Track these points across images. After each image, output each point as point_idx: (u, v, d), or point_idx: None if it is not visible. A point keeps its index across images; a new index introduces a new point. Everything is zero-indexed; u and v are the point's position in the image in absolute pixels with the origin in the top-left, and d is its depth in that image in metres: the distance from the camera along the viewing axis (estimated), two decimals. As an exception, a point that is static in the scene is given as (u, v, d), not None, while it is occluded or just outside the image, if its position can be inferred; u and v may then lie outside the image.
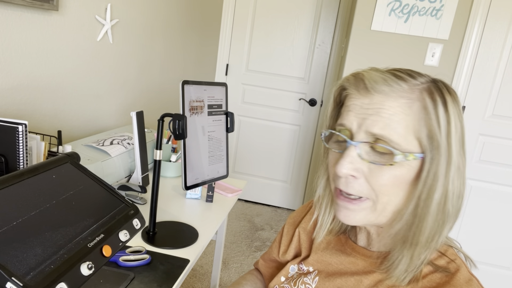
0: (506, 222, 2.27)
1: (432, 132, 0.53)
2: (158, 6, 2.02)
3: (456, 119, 0.53)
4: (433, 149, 0.53)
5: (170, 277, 0.89)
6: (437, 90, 0.54)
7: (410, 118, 0.53)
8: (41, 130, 1.37)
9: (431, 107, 0.53)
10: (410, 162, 0.53)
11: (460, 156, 0.54)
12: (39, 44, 1.30)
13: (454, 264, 0.58)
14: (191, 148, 1.07)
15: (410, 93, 0.54)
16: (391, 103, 0.54)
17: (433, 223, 0.54)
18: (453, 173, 0.53)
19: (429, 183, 0.53)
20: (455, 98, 0.55)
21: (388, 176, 0.54)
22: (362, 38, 2.20)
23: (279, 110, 3.05)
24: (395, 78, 0.54)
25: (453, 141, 0.53)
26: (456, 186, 0.54)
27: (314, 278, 0.69)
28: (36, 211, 0.59)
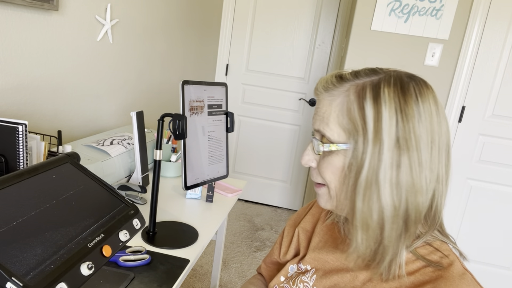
0: (506, 222, 2.27)
1: (354, 122, 0.57)
2: (158, 6, 2.02)
3: (392, 110, 0.55)
4: (357, 138, 0.57)
5: (170, 277, 0.89)
6: (374, 85, 0.57)
7: (335, 114, 0.59)
8: (41, 130, 1.37)
9: (354, 101, 0.58)
10: (344, 151, 0.59)
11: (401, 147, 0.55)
12: (39, 44, 1.30)
13: (447, 259, 0.59)
14: (191, 148, 1.07)
15: (339, 92, 0.60)
16: (324, 102, 0.62)
17: (365, 207, 0.57)
18: (385, 162, 0.55)
19: (355, 169, 0.57)
20: (402, 90, 0.56)
21: (326, 164, 0.61)
22: (362, 38, 2.20)
23: (279, 110, 3.05)
24: (335, 80, 0.61)
25: (384, 130, 0.55)
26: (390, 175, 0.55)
27: (311, 276, 0.70)
28: (36, 211, 0.59)
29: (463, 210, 2.31)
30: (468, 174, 2.26)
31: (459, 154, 2.25)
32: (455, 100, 2.18)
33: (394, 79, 0.58)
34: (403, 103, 0.56)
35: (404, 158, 0.55)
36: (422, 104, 0.56)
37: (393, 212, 0.56)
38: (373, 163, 0.56)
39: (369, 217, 0.57)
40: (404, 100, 0.56)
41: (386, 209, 0.56)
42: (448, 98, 2.18)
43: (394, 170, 0.55)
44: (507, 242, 2.29)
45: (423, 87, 0.58)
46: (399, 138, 0.55)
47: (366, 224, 0.57)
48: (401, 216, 0.56)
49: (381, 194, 0.56)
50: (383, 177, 0.55)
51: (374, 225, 0.57)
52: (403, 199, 0.56)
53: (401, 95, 0.56)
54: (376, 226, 0.57)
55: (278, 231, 2.82)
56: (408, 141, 0.55)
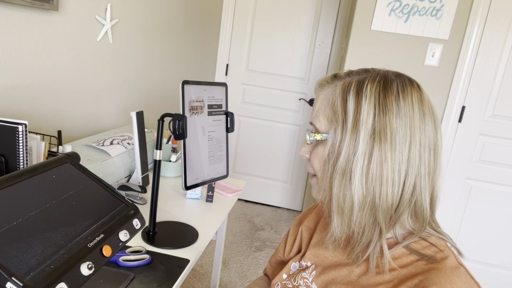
0: (506, 222, 2.27)
1: (335, 113, 0.62)
2: (158, 6, 2.02)
3: (370, 104, 0.59)
4: (337, 128, 0.61)
5: (170, 277, 0.89)
6: (359, 82, 0.61)
7: (323, 106, 0.65)
8: (41, 130, 1.37)
9: (339, 95, 0.62)
10: (327, 141, 0.63)
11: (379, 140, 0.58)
12: (39, 44, 1.30)
13: (441, 253, 0.60)
14: (191, 148, 1.07)
15: (330, 89, 0.65)
16: (318, 98, 0.67)
17: (339, 192, 0.61)
18: (358, 153, 0.58)
19: (333, 157, 0.61)
20: (384, 86, 0.60)
21: (314, 154, 0.66)
22: (362, 38, 2.20)
23: (279, 110, 3.05)
24: (329, 79, 0.66)
25: (361, 123, 0.58)
26: (361, 166, 0.58)
27: (311, 272, 0.72)
28: (36, 211, 0.59)
29: (463, 210, 2.31)
30: (468, 174, 2.26)
31: (459, 154, 2.25)
32: (455, 100, 2.18)
33: (379, 76, 0.62)
34: (383, 98, 0.59)
35: (376, 150, 0.58)
36: (403, 100, 0.59)
37: (361, 199, 0.59)
38: (349, 152, 0.59)
39: (343, 202, 0.61)
40: (384, 95, 0.59)
41: (355, 196, 0.59)
42: (448, 98, 2.18)
43: (366, 160, 0.59)
44: (507, 242, 2.29)
45: (407, 85, 0.60)
46: (375, 130, 0.58)
47: (340, 208, 0.61)
48: (368, 204, 0.59)
49: (352, 181, 0.59)
50: (355, 166, 0.59)
51: (347, 210, 0.60)
52: (370, 189, 0.59)
53: (382, 91, 0.60)
54: (349, 211, 0.61)
55: (278, 231, 2.82)
56: (382, 134, 0.58)
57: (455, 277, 0.55)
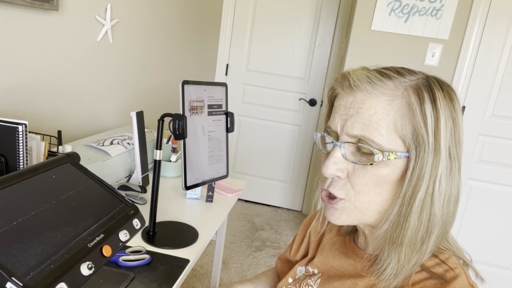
0: (506, 222, 2.27)
1: (417, 130, 0.51)
2: (158, 6, 2.02)
3: (447, 117, 0.52)
4: (418, 147, 0.51)
5: (170, 277, 0.89)
6: (426, 87, 0.53)
7: (391, 117, 0.52)
8: (41, 130, 1.37)
9: (416, 103, 0.52)
10: (395, 161, 0.52)
11: (451, 157, 0.53)
12: (39, 44, 1.30)
13: (452, 272, 0.55)
14: (191, 148, 1.07)
15: (394, 91, 0.53)
16: (372, 101, 0.53)
17: (417, 223, 0.53)
18: (440, 173, 0.52)
19: (414, 182, 0.52)
20: (449, 95, 0.53)
21: (370, 175, 0.54)
22: (362, 38, 2.20)
23: (279, 110, 3.05)
24: (380, 76, 0.54)
25: (442, 139, 0.51)
26: (444, 187, 0.53)
27: (316, 280, 0.70)
28: (36, 211, 0.59)
29: (463, 210, 2.31)
30: (468, 174, 2.26)
31: (459, 154, 2.25)
32: (455, 100, 2.18)
33: (437, 81, 0.55)
34: (453, 110, 0.53)
35: (455, 166, 0.53)
36: (459, 109, 0.54)
37: (440, 223, 0.54)
38: (433, 174, 0.51)
39: (418, 231, 0.53)
40: (453, 107, 0.53)
41: (435, 222, 0.53)
42: (448, 98, 2.18)
43: (448, 179, 0.53)
44: (507, 242, 2.29)
45: (456, 94, 0.55)
46: (451, 147, 0.52)
47: (414, 241, 0.53)
48: (442, 226, 0.55)
49: (435, 207, 0.52)
50: (438, 188, 0.52)
51: (419, 241, 0.54)
52: (450, 208, 0.54)
53: (450, 102, 0.53)
54: (419, 239, 0.54)
55: (278, 231, 2.82)
56: (457, 147, 0.53)
57: None
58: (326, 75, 2.95)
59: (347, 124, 0.54)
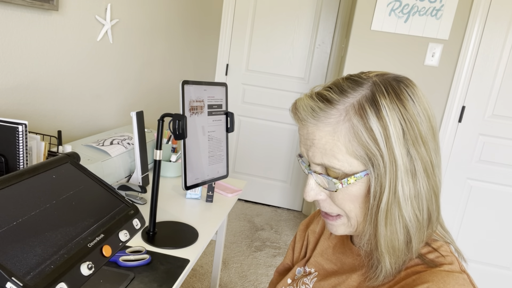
0: (506, 222, 2.27)
1: (367, 148, 0.53)
2: (158, 6, 2.02)
3: (395, 122, 0.52)
4: (373, 163, 0.53)
5: (170, 277, 0.89)
6: (369, 100, 0.53)
7: (341, 143, 0.54)
8: (41, 130, 1.37)
9: (359, 124, 0.53)
10: (361, 179, 0.54)
11: (412, 159, 0.53)
12: (39, 44, 1.30)
13: (443, 259, 0.57)
14: (191, 148, 1.07)
15: (336, 117, 0.54)
16: (320, 133, 0.55)
17: (387, 231, 0.54)
18: (401, 179, 0.53)
19: (377, 195, 0.54)
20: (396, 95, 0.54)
21: (343, 195, 0.56)
22: (362, 38, 2.20)
23: (279, 110, 3.05)
24: (322, 105, 0.55)
25: (394, 146, 0.52)
26: (408, 191, 0.53)
27: (312, 278, 0.71)
28: (36, 211, 0.59)
29: (463, 210, 2.31)
30: (468, 174, 2.26)
31: (459, 154, 2.25)
32: (455, 100, 2.18)
33: (384, 87, 0.54)
34: (403, 110, 0.53)
35: (418, 167, 0.53)
36: (418, 103, 0.54)
37: (417, 224, 0.55)
38: (392, 183, 0.53)
39: (395, 239, 0.55)
40: (403, 106, 0.53)
41: (410, 225, 0.54)
42: (448, 98, 2.18)
43: (411, 182, 0.53)
44: (507, 242, 2.29)
45: (413, 87, 0.56)
46: (408, 146, 0.53)
47: (392, 247, 0.55)
48: (425, 224, 0.56)
49: (403, 212, 0.54)
50: (402, 194, 0.53)
51: (401, 245, 0.55)
52: (424, 209, 0.55)
53: (399, 103, 0.53)
54: (403, 245, 0.55)
55: (278, 231, 2.82)
56: (417, 147, 0.53)
57: (451, 279, 0.52)
58: (326, 75, 2.95)
59: (309, 154, 0.58)
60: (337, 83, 0.57)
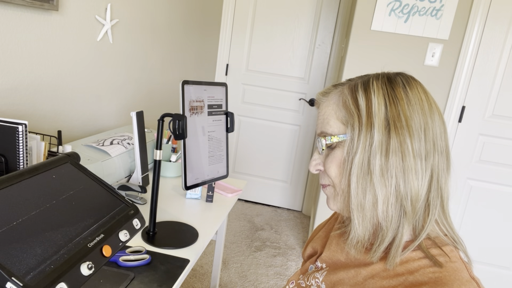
0: (506, 222, 2.27)
1: (349, 110, 0.62)
2: (158, 6, 2.02)
3: (379, 96, 0.60)
4: (353, 124, 0.60)
5: (170, 277, 0.89)
6: (363, 81, 0.63)
7: (333, 110, 0.64)
8: (41, 130, 1.37)
9: (348, 94, 0.63)
10: (342, 143, 0.62)
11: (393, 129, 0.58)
12: (39, 44, 1.30)
13: (452, 264, 0.57)
14: (191, 148, 1.07)
15: (336, 94, 0.65)
16: (323, 106, 0.67)
17: (357, 188, 0.60)
18: (375, 145, 0.58)
19: (351, 155, 0.60)
20: (388, 80, 0.61)
21: (331, 159, 0.64)
22: (362, 38, 2.20)
23: (279, 110, 3.05)
24: (332, 87, 0.67)
25: (374, 114, 0.59)
26: (379, 161, 0.58)
27: (323, 272, 0.73)
28: (36, 211, 0.59)
29: (463, 210, 2.31)
30: (468, 174, 2.26)
31: (459, 154, 2.25)
32: (455, 100, 2.18)
33: (381, 75, 0.63)
34: (390, 90, 0.60)
35: (394, 139, 0.58)
36: (410, 90, 0.60)
37: (384, 192, 0.59)
38: (366, 146, 0.59)
39: (363, 198, 0.60)
40: (392, 87, 0.61)
41: (378, 189, 0.59)
42: (448, 98, 2.18)
43: (384, 152, 0.58)
44: (507, 242, 2.29)
45: (409, 79, 0.62)
46: (389, 120, 0.58)
47: (360, 205, 0.60)
48: (392, 195, 0.59)
49: (373, 175, 0.58)
50: (373, 159, 0.58)
51: (369, 207, 0.59)
52: (392, 180, 0.58)
53: (388, 84, 0.61)
54: (371, 208, 0.59)
55: (278, 231, 2.82)
56: (397, 122, 0.58)
57: None
58: (326, 75, 2.95)
59: (317, 128, 0.68)
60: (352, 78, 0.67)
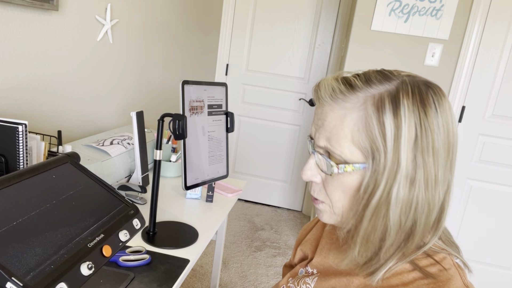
0: (506, 222, 2.27)
1: (373, 141, 0.52)
2: (158, 6, 2.02)
3: (411, 125, 0.51)
4: (375, 158, 0.52)
5: (170, 277, 0.89)
6: (391, 95, 0.52)
7: (349, 130, 0.53)
8: (41, 130, 1.37)
9: (373, 115, 0.52)
10: (359, 171, 0.54)
11: (416, 165, 0.52)
12: (39, 44, 1.30)
13: (446, 273, 0.55)
14: (191, 148, 1.07)
15: (352, 104, 0.53)
16: (332, 114, 0.55)
17: (368, 225, 0.54)
18: (398, 182, 0.52)
19: (370, 190, 0.53)
20: (421, 99, 0.52)
21: (337, 183, 0.56)
22: (362, 38, 2.20)
23: (279, 110, 3.05)
24: (344, 88, 0.54)
25: (402, 148, 0.51)
26: (402, 196, 0.52)
27: (313, 278, 0.71)
28: (36, 211, 0.59)
29: (463, 210, 2.31)
30: (468, 174, 2.26)
31: (459, 154, 2.25)
32: (455, 100, 2.18)
33: (411, 87, 0.53)
34: (423, 116, 0.51)
35: (420, 175, 0.52)
36: (441, 114, 0.53)
37: (397, 229, 0.54)
38: (389, 183, 0.52)
39: (372, 234, 0.55)
40: (424, 112, 0.52)
41: (391, 227, 0.54)
42: (448, 98, 2.18)
43: (407, 189, 0.52)
44: (507, 242, 2.29)
45: (441, 97, 0.54)
46: (416, 155, 0.52)
47: (366, 240, 0.55)
48: (405, 231, 0.55)
49: (389, 213, 0.53)
50: (395, 197, 0.52)
51: (375, 241, 0.55)
52: (410, 217, 0.54)
53: (421, 107, 0.52)
54: (377, 241, 0.55)
55: (278, 231, 2.82)
56: (425, 157, 0.52)
57: None
58: (326, 75, 2.94)
59: (316, 135, 0.58)
60: (366, 73, 0.56)
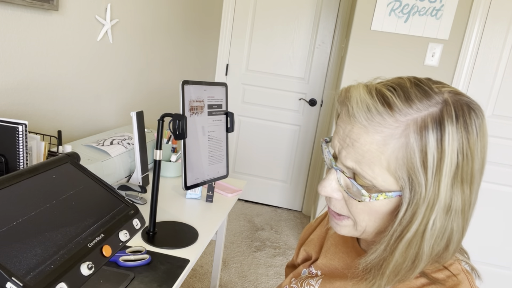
0: (506, 222, 2.27)
1: (413, 173, 0.48)
2: (158, 6, 2.02)
3: (453, 155, 0.47)
4: (415, 189, 0.48)
5: (170, 277, 0.89)
6: (435, 121, 0.47)
7: (385, 157, 0.48)
8: (41, 130, 1.37)
9: (416, 145, 0.47)
10: (392, 199, 0.51)
11: (450, 193, 0.49)
12: (39, 44, 1.30)
13: (454, 279, 0.54)
14: (191, 148, 1.07)
15: (392, 129, 0.48)
16: (367, 138, 0.49)
17: (400, 258, 0.52)
18: (436, 215, 0.49)
19: (406, 222, 0.50)
20: (465, 124, 0.48)
21: (362, 206, 0.53)
22: (362, 38, 2.20)
23: (279, 110, 3.05)
24: (382, 108, 0.48)
25: (443, 180, 0.47)
26: (438, 227, 0.50)
27: (318, 280, 0.70)
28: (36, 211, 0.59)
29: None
30: (468, 174, 2.26)
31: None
32: (455, 100, 2.18)
33: (455, 111, 0.48)
34: (466, 144, 0.48)
35: (457, 203, 0.49)
36: (480, 140, 0.49)
37: (428, 257, 0.52)
38: (426, 215, 0.48)
39: (402, 265, 0.52)
40: (467, 140, 0.48)
41: (421, 256, 0.51)
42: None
43: (443, 218, 0.49)
44: (507, 242, 2.29)
45: (482, 120, 0.50)
46: (455, 184, 0.48)
47: (396, 273, 0.52)
48: (434, 257, 0.53)
49: (423, 244, 0.50)
50: (430, 228, 0.49)
51: (404, 271, 0.53)
52: (442, 244, 0.52)
53: (465, 134, 0.48)
54: (405, 271, 0.53)
55: (278, 231, 2.82)
56: (464, 186, 0.49)
57: None
58: (326, 75, 2.95)
59: (342, 153, 0.52)
60: (404, 86, 0.50)
